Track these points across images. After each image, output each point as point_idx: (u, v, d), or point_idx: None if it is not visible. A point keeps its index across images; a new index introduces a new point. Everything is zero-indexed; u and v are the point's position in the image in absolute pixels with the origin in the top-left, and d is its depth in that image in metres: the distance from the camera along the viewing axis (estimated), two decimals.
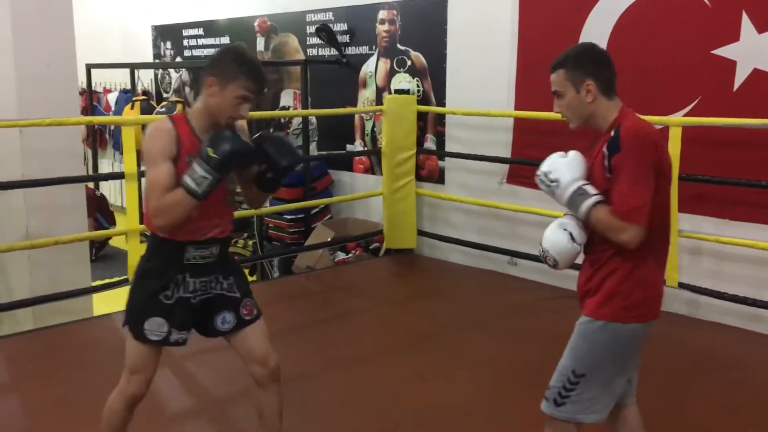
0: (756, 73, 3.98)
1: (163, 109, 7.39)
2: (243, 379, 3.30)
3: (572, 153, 2.14)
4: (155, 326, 2.26)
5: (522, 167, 5.15)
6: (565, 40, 4.74)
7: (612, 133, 2.04)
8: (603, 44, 4.55)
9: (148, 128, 2.25)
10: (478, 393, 3.33)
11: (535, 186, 3.85)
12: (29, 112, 4.16)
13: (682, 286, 4.26)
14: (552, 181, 2.10)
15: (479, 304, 4.71)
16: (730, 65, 4.07)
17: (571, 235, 2.09)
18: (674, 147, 4.06)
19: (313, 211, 6.32)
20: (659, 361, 3.68)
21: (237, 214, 6.81)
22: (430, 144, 5.78)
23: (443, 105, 5.61)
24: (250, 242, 6.79)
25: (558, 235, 2.12)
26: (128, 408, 2.35)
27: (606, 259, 2.06)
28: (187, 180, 2.13)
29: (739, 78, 4.05)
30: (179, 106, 6.97)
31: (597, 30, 4.60)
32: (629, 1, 4.46)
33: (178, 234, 2.23)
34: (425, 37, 5.69)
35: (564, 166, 2.10)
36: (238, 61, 2.21)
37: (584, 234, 2.10)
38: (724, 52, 4.09)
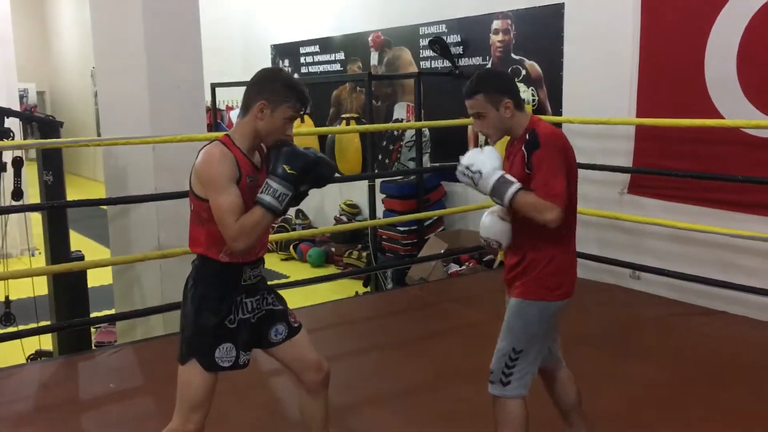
0: None
1: None
2: (357, 389, 3.34)
3: (488, 147, 2.41)
4: (225, 353, 2.27)
5: (645, 177, 4.94)
6: (692, 45, 4.53)
7: (527, 136, 2.35)
8: (734, 47, 4.31)
9: (203, 154, 2.23)
10: (598, 409, 3.20)
11: (660, 196, 3.68)
12: (161, 129, 4.39)
13: None
14: (474, 173, 2.35)
15: (599, 319, 4.53)
16: None
17: (500, 216, 2.45)
18: None
19: (426, 223, 6.32)
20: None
21: (352, 226, 6.99)
22: None
23: (559, 114, 5.48)
24: (364, 254, 6.89)
25: (491, 220, 2.47)
26: None
27: (528, 249, 2.41)
28: (266, 198, 2.16)
29: None
30: (306, 117, 7.17)
31: (727, 33, 4.35)
32: (761, 3, 4.19)
33: (236, 256, 2.24)
34: (541, 46, 5.59)
35: (484, 158, 2.35)
36: (287, 85, 2.27)
37: (509, 217, 2.43)
38: None
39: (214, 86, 8.28)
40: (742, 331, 4.20)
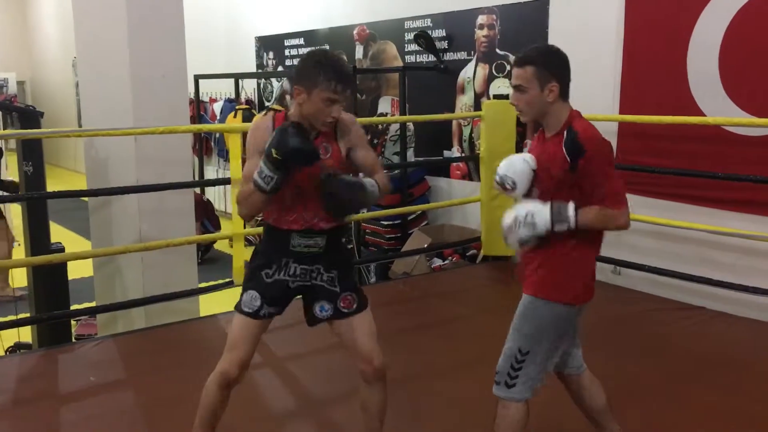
0: None
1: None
2: (344, 381, 3.35)
3: (526, 157, 2.31)
4: (249, 299, 2.39)
5: (627, 173, 4.97)
6: (675, 42, 4.56)
7: (566, 134, 2.23)
8: (716, 46, 4.35)
9: (251, 124, 2.40)
10: (574, 405, 3.23)
11: (641, 193, 3.73)
12: (144, 120, 4.37)
13: None
14: (525, 218, 2.23)
15: (585, 315, 4.56)
16: None
17: (524, 159, 2.30)
18: None
19: (410, 217, 6.33)
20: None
21: None
22: None
23: None
24: (349, 247, 6.88)
25: (513, 158, 2.32)
26: (220, 387, 2.41)
27: (549, 240, 2.24)
28: (256, 177, 2.23)
29: None
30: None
31: (709, 31, 4.39)
32: (742, 2, 4.23)
33: (282, 222, 2.37)
34: (525, 41, 5.53)
35: (520, 173, 2.29)
36: (319, 65, 2.24)
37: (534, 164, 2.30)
38: None
39: (197, 78, 8.23)
40: (720, 326, 4.25)
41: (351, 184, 2.33)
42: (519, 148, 5.65)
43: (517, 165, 2.29)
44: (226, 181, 4.95)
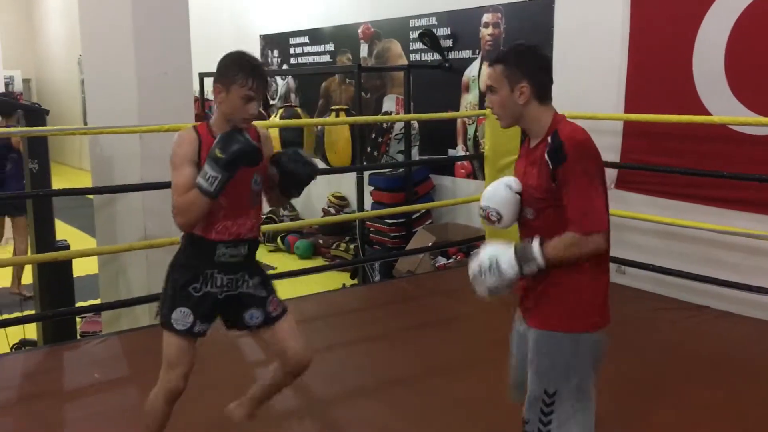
0: None
1: (286, 114, 7.63)
2: (345, 381, 3.35)
3: (509, 182, 2.11)
4: (181, 316, 2.38)
5: (632, 172, 4.97)
6: (680, 41, 4.55)
7: (549, 140, 2.00)
8: (722, 45, 4.34)
9: (175, 137, 2.38)
10: None
11: (646, 192, 3.74)
12: (148, 118, 4.37)
13: None
14: (491, 273, 2.04)
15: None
16: None
17: (507, 185, 2.09)
18: None
19: (414, 216, 6.33)
20: None
21: (340, 218, 6.98)
22: None
23: None
24: (352, 246, 6.89)
25: (494, 186, 2.12)
26: (168, 402, 2.47)
27: (554, 270, 2.02)
28: (200, 180, 2.24)
29: None
30: (297, 110, 7.16)
31: (715, 30, 4.38)
32: (748, 1, 4.21)
33: (209, 233, 2.36)
34: (530, 40, 5.56)
35: (490, 251, 2.06)
36: (236, 63, 2.31)
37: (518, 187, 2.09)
38: None
39: (202, 76, 8.23)
40: (725, 326, 4.24)
41: (308, 160, 2.45)
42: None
43: (500, 193, 2.10)
44: None
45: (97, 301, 5.21)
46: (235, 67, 2.30)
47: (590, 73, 5.16)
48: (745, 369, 3.61)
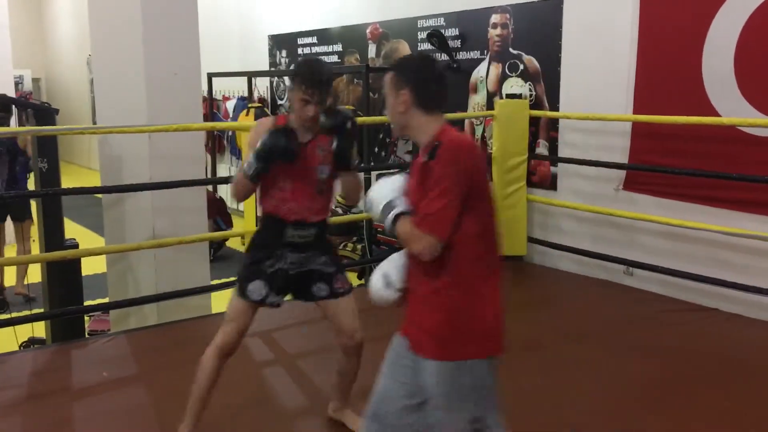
0: None
1: (257, 113, 7.69)
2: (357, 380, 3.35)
3: (396, 176, 2.07)
4: (256, 288, 2.69)
5: (641, 173, 4.95)
6: (689, 42, 4.53)
7: (429, 149, 1.95)
8: (732, 46, 4.32)
9: (256, 123, 2.74)
10: (588, 404, 3.22)
11: (654, 193, 3.73)
12: (157, 118, 4.39)
13: None
14: (368, 201, 2.04)
15: (593, 315, 4.55)
16: None
17: (386, 279, 2.08)
18: None
19: None
20: None
21: (347, 218, 7.00)
22: (542, 149, 5.66)
23: (556, 109, 5.48)
24: (359, 246, 6.89)
25: (375, 280, 2.11)
26: (219, 357, 2.72)
27: (415, 285, 2.01)
28: (244, 164, 2.58)
29: None
30: (266, 110, 7.20)
31: (725, 31, 4.36)
32: (758, 2, 4.19)
33: (278, 215, 2.68)
34: (539, 41, 5.58)
35: (382, 186, 2.03)
36: (299, 69, 2.61)
37: (403, 275, 2.04)
38: None
39: (210, 76, 8.26)
40: (733, 328, 4.22)
41: (341, 112, 2.63)
42: (532, 148, 5.64)
43: (374, 289, 2.12)
44: None
45: (106, 300, 5.23)
46: (298, 73, 2.59)
47: (598, 73, 5.15)
48: (755, 371, 3.59)
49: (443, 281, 1.93)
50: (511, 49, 5.82)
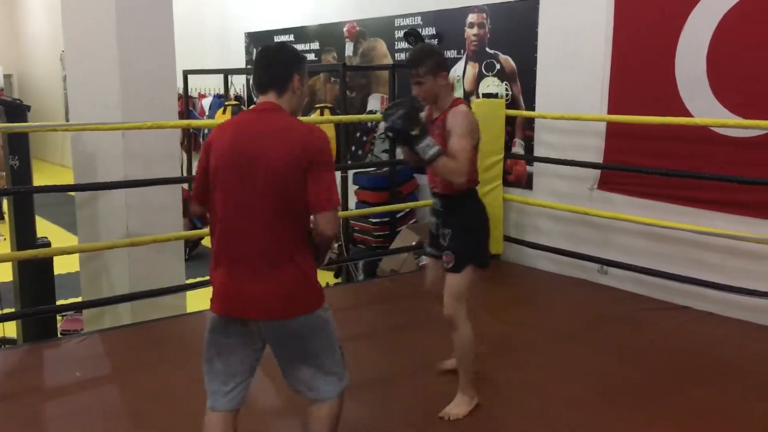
0: None
1: (233, 110, 7.65)
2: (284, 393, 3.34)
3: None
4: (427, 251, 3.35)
5: (615, 173, 5.00)
6: (663, 43, 4.59)
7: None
8: (704, 47, 4.38)
9: (465, 110, 2.97)
10: (561, 403, 3.24)
11: (629, 192, 3.77)
12: (131, 115, 4.34)
13: None
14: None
15: (569, 313, 4.59)
16: None
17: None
18: None
19: (398, 215, 6.33)
20: (758, 377, 3.51)
21: None
22: (518, 149, 5.69)
23: (532, 109, 5.51)
24: (336, 245, 6.87)
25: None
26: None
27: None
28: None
29: None
30: (242, 107, 7.18)
31: (699, 29, 4.42)
32: (732, 2, 4.26)
33: (430, 185, 3.15)
34: (515, 41, 5.61)
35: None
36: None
37: None
38: None
39: (186, 73, 8.19)
40: (706, 326, 4.28)
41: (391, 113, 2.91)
42: (508, 147, 5.67)
43: None
44: None
45: (79, 299, 5.17)
46: None
47: (574, 74, 5.19)
48: (727, 369, 3.64)
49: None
50: (487, 49, 5.85)
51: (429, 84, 2.97)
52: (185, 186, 7.52)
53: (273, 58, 2.30)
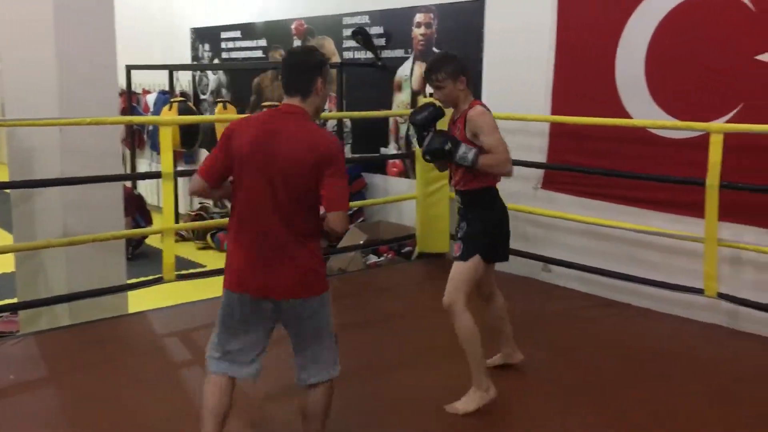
0: None
1: (180, 107, 7.54)
2: (275, 379, 3.31)
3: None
4: None
5: (559, 173, 5.09)
6: (604, 46, 4.70)
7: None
8: (643, 50, 4.50)
9: (482, 110, 3.10)
10: (513, 400, 3.29)
11: (572, 192, 3.85)
12: (69, 110, 4.23)
13: (721, 296, 4.16)
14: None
15: (512, 311, 4.60)
16: None
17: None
18: (715, 154, 3.98)
19: None
20: (692, 370, 3.62)
21: None
22: None
23: None
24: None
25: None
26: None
27: None
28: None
29: None
30: (189, 104, 7.05)
31: (637, 33, 4.54)
32: (671, 5, 4.38)
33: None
34: (462, 41, 5.66)
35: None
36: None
37: None
38: None
39: (129, 68, 8.01)
40: (645, 322, 4.39)
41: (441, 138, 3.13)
42: None
43: None
44: (156, 175, 4.83)
45: (14, 300, 5.00)
46: None
47: (519, 74, 5.26)
48: (664, 364, 3.75)
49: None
50: (434, 49, 5.88)
51: (449, 88, 3.11)
52: (128, 184, 7.38)
53: (299, 65, 2.53)
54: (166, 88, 8.52)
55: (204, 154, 8.23)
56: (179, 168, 8.40)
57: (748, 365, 3.79)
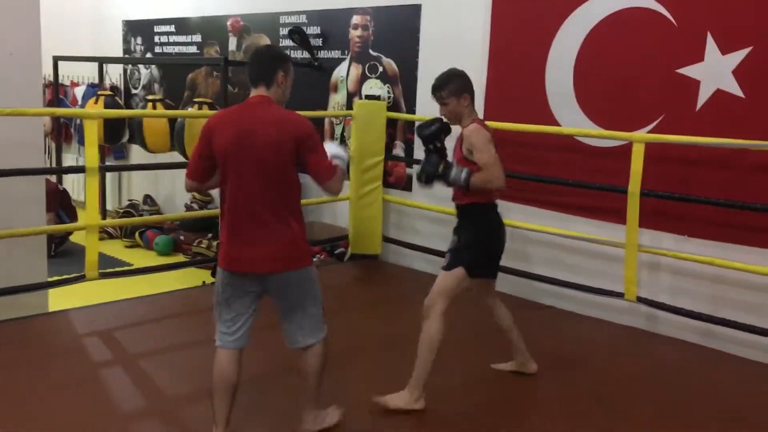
0: (719, 93, 4.06)
1: (106, 101, 7.36)
2: (197, 380, 3.26)
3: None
4: None
5: None
6: (535, 55, 4.81)
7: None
8: (572, 58, 4.63)
9: (475, 127, 3.25)
10: (441, 397, 3.32)
11: (503, 197, 3.96)
12: None
13: (640, 300, 4.31)
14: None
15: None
16: (694, 85, 4.15)
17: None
18: (636, 163, 4.13)
19: None
20: (610, 372, 3.74)
21: (202, 213, 6.79)
22: (398, 151, 5.79)
23: (413, 112, 5.62)
24: (215, 243, 6.72)
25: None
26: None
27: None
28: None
29: (702, 97, 4.12)
30: (117, 99, 6.89)
31: (566, 44, 4.66)
32: (598, 18, 4.53)
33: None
34: (398, 44, 5.70)
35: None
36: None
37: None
38: (688, 71, 4.17)
39: (56, 59, 7.75)
40: (566, 324, 4.52)
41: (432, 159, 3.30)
42: (389, 149, 5.75)
43: None
44: (80, 170, 4.68)
45: None
46: None
47: None
48: (583, 366, 3.86)
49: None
50: (371, 51, 5.91)
51: (452, 105, 3.25)
52: (50, 177, 7.12)
53: (261, 58, 2.77)
54: (96, 81, 8.28)
55: (135, 149, 8.02)
56: (108, 163, 8.19)
57: (658, 362, 3.94)
